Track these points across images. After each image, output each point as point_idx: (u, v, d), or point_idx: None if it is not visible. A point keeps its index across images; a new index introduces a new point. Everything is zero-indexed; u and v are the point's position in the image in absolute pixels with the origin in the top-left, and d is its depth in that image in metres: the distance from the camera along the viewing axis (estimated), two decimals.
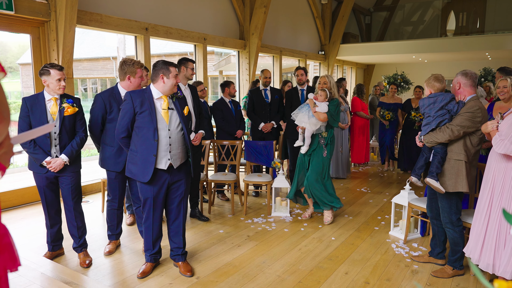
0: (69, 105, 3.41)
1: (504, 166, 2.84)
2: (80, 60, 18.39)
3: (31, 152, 3.33)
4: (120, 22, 6.13)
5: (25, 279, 2.89)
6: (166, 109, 3.25)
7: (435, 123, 3.25)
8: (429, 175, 3.28)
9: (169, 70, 3.20)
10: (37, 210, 5.06)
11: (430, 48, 11.78)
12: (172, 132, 3.25)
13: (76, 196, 3.55)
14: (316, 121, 4.56)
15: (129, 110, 3.19)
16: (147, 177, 3.20)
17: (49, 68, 3.31)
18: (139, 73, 3.70)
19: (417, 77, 13.59)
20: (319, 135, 4.69)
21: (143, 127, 3.19)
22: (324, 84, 4.78)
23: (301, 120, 4.65)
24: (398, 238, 4.30)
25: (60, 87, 3.35)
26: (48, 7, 5.20)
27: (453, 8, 13.21)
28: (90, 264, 3.56)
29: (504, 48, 10.62)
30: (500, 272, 2.84)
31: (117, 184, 3.81)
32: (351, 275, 3.44)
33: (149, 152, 3.19)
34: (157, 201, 3.32)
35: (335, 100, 4.71)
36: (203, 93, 5.75)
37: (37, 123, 3.31)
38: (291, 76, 13.58)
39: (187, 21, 7.47)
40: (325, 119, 4.56)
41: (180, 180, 3.39)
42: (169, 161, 3.24)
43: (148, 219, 3.35)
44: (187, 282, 3.27)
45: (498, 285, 0.66)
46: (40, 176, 3.42)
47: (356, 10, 14.08)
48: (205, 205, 5.41)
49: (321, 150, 4.68)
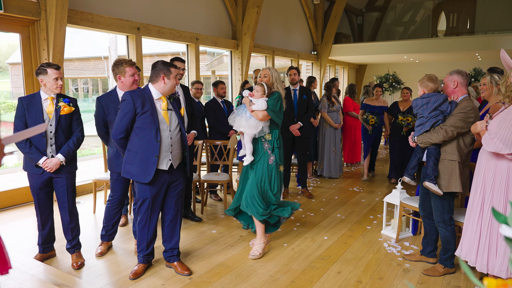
0: (65, 104, 3.39)
1: (494, 164, 2.86)
2: (71, 60, 18.25)
3: (27, 152, 3.30)
4: (112, 22, 6.09)
5: (15, 282, 2.86)
6: (166, 110, 3.25)
7: (429, 124, 3.26)
8: (427, 178, 3.29)
9: (170, 71, 3.20)
10: (28, 212, 5.01)
11: (421, 48, 11.88)
12: (172, 133, 3.26)
13: (72, 197, 3.53)
14: (256, 122, 3.81)
15: (130, 111, 3.14)
16: (149, 177, 3.18)
17: (46, 67, 3.30)
18: (129, 71, 3.68)
19: (409, 77, 13.71)
20: (262, 139, 3.88)
21: (144, 127, 3.16)
22: (264, 77, 4.03)
23: (239, 125, 3.90)
24: (390, 237, 4.33)
25: (58, 86, 3.35)
26: (38, 6, 5.15)
27: (443, 8, 13.32)
28: (82, 266, 3.53)
29: (493, 49, 10.74)
30: (496, 272, 2.84)
31: (118, 185, 3.81)
32: (343, 274, 3.45)
33: (151, 153, 3.16)
34: (155, 201, 3.30)
35: (275, 93, 3.92)
36: (199, 92, 5.74)
37: (33, 123, 3.29)
38: (284, 76, 13.60)
39: (179, 21, 7.44)
40: (265, 117, 3.79)
41: (178, 179, 3.39)
42: (170, 162, 3.24)
43: (145, 219, 3.33)
44: (180, 283, 3.26)
45: (487, 283, 0.67)
46: (35, 176, 3.39)
47: (348, 10, 14.14)
48: (197, 206, 5.39)
49: (266, 156, 3.87)
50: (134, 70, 3.72)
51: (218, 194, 5.95)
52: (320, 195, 6.07)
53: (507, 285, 0.66)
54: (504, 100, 2.86)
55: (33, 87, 5.32)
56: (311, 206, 5.49)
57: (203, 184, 5.23)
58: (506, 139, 2.69)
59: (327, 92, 7.02)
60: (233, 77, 9.27)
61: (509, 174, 2.79)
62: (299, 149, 5.84)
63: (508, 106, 2.82)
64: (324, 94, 7.09)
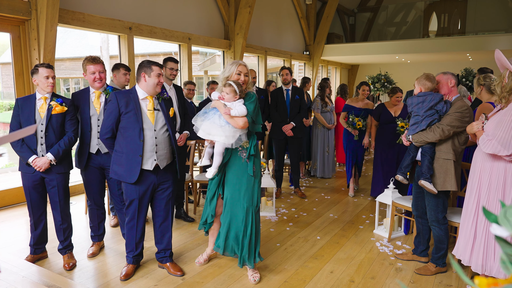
0: (57, 103, 3.37)
1: (490, 165, 2.85)
2: (62, 60, 18.09)
3: (18, 150, 3.31)
4: (103, 21, 6.05)
5: (5, 283, 2.83)
6: (152, 110, 3.22)
7: (425, 124, 3.28)
8: (422, 177, 3.30)
9: (150, 68, 3.15)
10: (19, 213, 4.96)
11: (413, 48, 11.96)
12: (157, 132, 3.23)
13: (64, 198, 3.50)
14: (234, 131, 3.17)
15: (114, 111, 3.15)
16: (134, 178, 3.17)
17: (38, 67, 3.33)
18: (89, 69, 3.54)
19: (400, 77, 13.79)
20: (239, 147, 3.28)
21: (128, 127, 3.16)
22: (245, 77, 3.29)
23: (209, 132, 3.21)
24: (382, 237, 4.35)
25: (48, 84, 3.33)
26: (29, 5, 5.10)
27: (435, 9, 13.43)
28: (73, 267, 3.51)
29: (484, 49, 10.84)
30: (494, 273, 2.84)
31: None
32: (336, 274, 3.46)
33: (135, 152, 3.15)
34: (142, 202, 3.28)
35: (250, 94, 3.29)
36: (191, 93, 5.72)
37: (26, 122, 3.30)
38: (277, 76, 13.61)
39: (172, 21, 7.42)
40: (245, 124, 3.18)
41: (167, 181, 3.36)
42: (155, 162, 3.22)
43: (133, 220, 3.31)
44: (173, 284, 3.25)
45: (479, 281, 0.67)
46: (27, 176, 3.38)
47: (340, 10, 14.19)
48: (190, 206, 5.38)
49: (243, 166, 3.26)
50: (96, 69, 3.53)
51: None
52: (313, 195, 6.09)
53: (498, 283, 0.67)
54: (499, 101, 2.86)
55: (24, 87, 5.27)
56: (303, 206, 5.50)
57: (195, 184, 5.22)
58: (504, 141, 2.68)
59: (321, 92, 7.03)
60: None
61: (506, 175, 2.78)
62: (292, 149, 5.85)
63: (504, 107, 2.82)
64: (317, 94, 7.11)
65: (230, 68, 3.28)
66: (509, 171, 2.76)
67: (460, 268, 0.68)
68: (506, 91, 2.77)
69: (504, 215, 0.71)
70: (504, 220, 0.70)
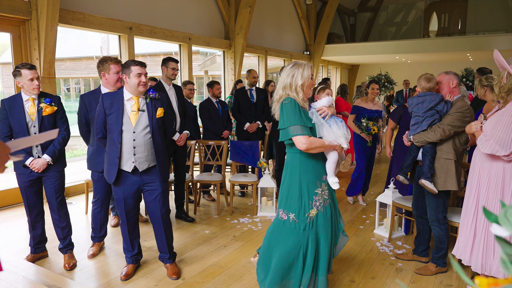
0: (47, 104, 3.33)
1: (489, 165, 2.86)
2: (62, 60, 18.09)
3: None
4: (104, 21, 6.05)
5: (6, 283, 2.83)
6: (136, 111, 3.14)
7: (426, 124, 3.28)
8: (423, 176, 3.30)
9: (129, 69, 3.07)
10: (19, 213, 4.97)
11: (413, 48, 11.96)
12: (137, 134, 3.13)
13: (60, 196, 3.50)
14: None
15: (100, 112, 3.16)
16: (112, 179, 3.18)
17: (20, 69, 3.21)
18: (114, 68, 3.59)
19: (401, 78, 13.79)
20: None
21: (110, 129, 3.15)
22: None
23: (337, 135, 2.79)
24: (382, 237, 4.35)
25: (34, 87, 3.25)
26: (29, 5, 5.10)
27: (435, 9, 13.44)
28: (74, 267, 3.51)
29: (484, 49, 10.85)
30: (493, 273, 2.85)
31: (99, 186, 3.75)
32: (336, 274, 3.46)
33: (114, 154, 3.14)
34: (128, 202, 3.26)
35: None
36: (191, 93, 5.72)
37: (16, 125, 3.26)
38: (277, 76, 13.61)
39: (172, 21, 7.42)
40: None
41: (152, 182, 3.26)
42: (133, 164, 3.15)
43: (123, 219, 3.33)
44: (173, 284, 3.25)
45: (479, 281, 0.67)
46: (23, 176, 3.37)
47: (340, 10, 14.20)
48: (190, 206, 5.38)
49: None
50: (118, 68, 3.61)
51: (211, 194, 5.94)
52: None
53: (498, 283, 0.67)
54: (496, 102, 2.87)
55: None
56: None
57: (196, 184, 5.22)
58: (502, 141, 2.68)
59: None
60: (226, 77, 9.26)
61: (504, 175, 2.78)
62: None
63: (502, 106, 2.82)
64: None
65: (303, 72, 2.71)
66: (507, 171, 2.77)
67: (461, 268, 0.68)
68: (504, 91, 2.78)
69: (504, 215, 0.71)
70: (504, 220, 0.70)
